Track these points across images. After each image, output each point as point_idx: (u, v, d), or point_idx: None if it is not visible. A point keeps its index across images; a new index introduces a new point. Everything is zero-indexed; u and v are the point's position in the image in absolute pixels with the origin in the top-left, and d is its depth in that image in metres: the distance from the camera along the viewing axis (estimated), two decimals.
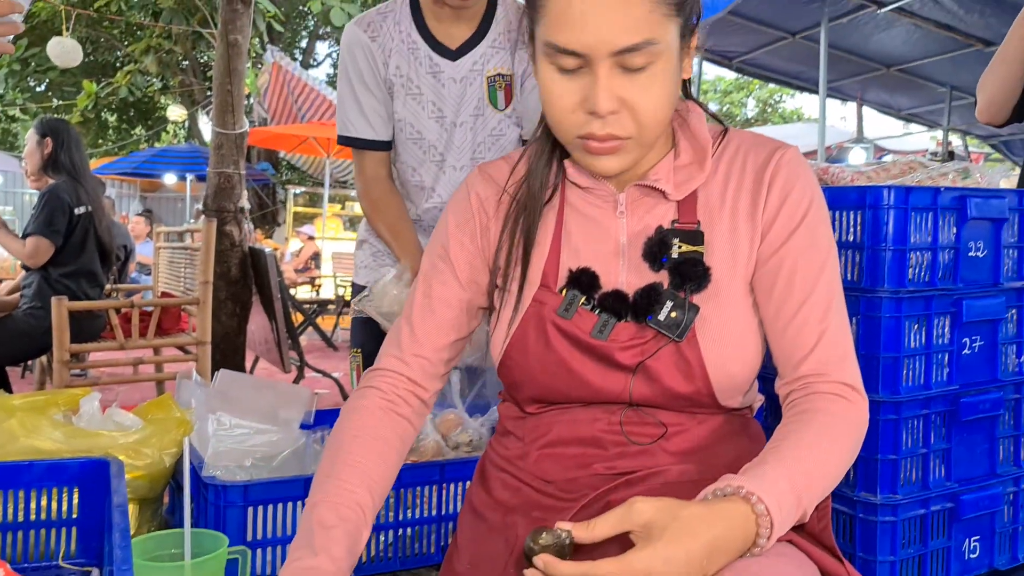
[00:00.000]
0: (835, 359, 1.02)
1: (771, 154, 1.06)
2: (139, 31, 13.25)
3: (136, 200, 15.17)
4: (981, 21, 5.44)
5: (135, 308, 3.48)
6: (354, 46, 1.80)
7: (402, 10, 1.81)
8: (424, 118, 1.83)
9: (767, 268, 1.05)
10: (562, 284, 1.07)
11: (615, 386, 1.04)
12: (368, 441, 1.06)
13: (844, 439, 0.99)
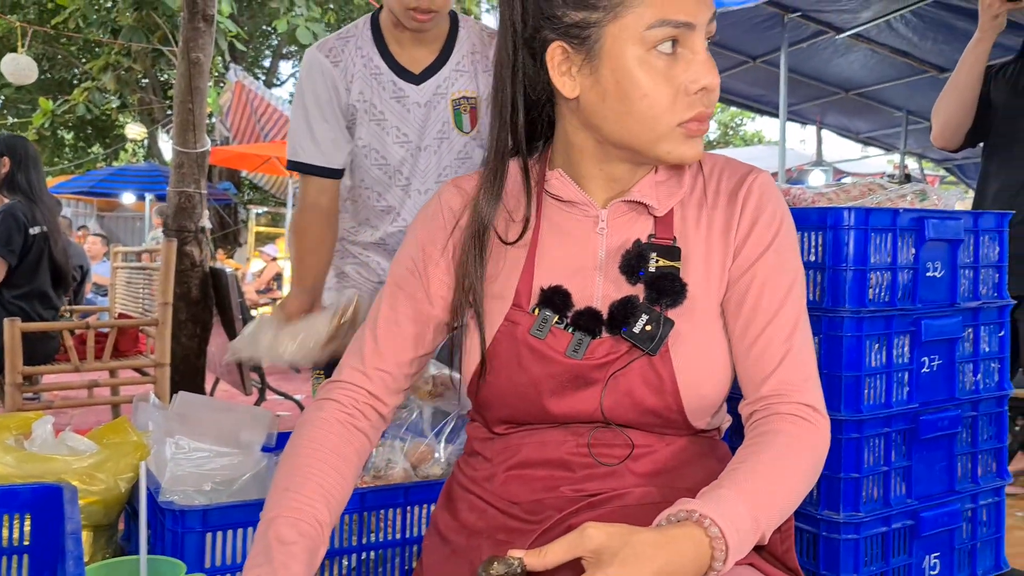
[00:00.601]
0: (798, 380, 1.02)
1: (744, 177, 1.08)
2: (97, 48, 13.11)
3: (93, 219, 14.94)
4: (935, 48, 5.57)
5: (90, 329, 3.41)
6: (314, 71, 1.79)
7: (363, 35, 1.80)
8: (389, 143, 1.81)
9: (736, 288, 1.06)
10: (534, 303, 1.06)
11: (587, 406, 1.03)
12: (327, 455, 1.04)
13: (803, 461, 0.99)
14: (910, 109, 7.07)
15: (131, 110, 15.23)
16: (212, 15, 4.12)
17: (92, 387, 3.49)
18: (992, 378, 1.67)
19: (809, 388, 1.03)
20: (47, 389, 3.53)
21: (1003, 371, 1.68)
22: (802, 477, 0.98)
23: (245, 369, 4.22)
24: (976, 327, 1.63)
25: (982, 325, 1.64)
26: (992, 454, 1.67)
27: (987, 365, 1.66)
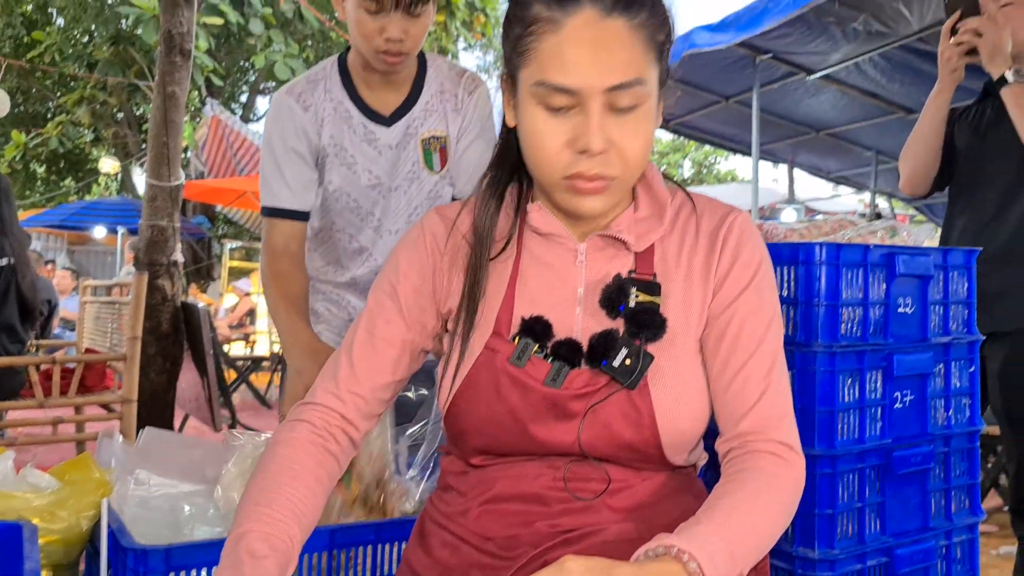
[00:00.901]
0: (774, 418, 1.03)
1: (724, 217, 1.10)
2: (73, 82, 13.07)
3: (63, 253, 14.78)
4: (902, 90, 5.69)
5: (56, 364, 3.35)
6: (284, 115, 1.76)
7: (332, 77, 1.79)
8: (360, 186, 1.80)
9: (716, 325, 1.07)
10: (515, 332, 1.06)
11: (565, 437, 1.03)
12: (299, 473, 1.02)
13: (779, 499, 0.99)
14: (879, 149, 7.20)
15: (105, 144, 15.17)
16: (189, 50, 4.12)
17: (56, 423, 3.41)
18: (963, 414, 1.67)
19: (785, 426, 1.04)
20: (10, 425, 3.45)
21: (974, 407, 1.69)
22: (779, 515, 0.99)
23: (215, 405, 4.16)
24: (947, 363, 1.64)
25: (953, 361, 1.65)
26: (965, 490, 1.67)
27: (958, 401, 1.66)
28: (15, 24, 14.50)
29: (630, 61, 0.96)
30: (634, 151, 0.99)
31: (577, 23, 0.96)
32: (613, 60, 0.95)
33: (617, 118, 0.98)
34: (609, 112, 0.97)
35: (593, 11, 0.96)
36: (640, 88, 0.97)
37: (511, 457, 1.07)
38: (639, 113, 0.98)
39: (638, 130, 0.99)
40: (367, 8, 1.60)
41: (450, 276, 1.13)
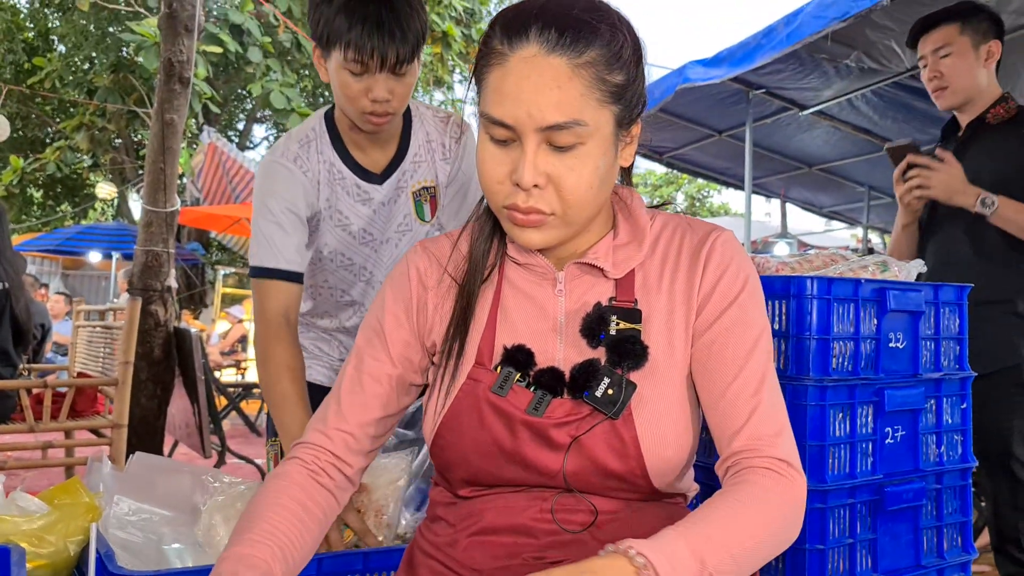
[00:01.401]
0: (768, 434, 1.01)
1: (706, 236, 1.09)
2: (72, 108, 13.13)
3: (57, 278, 14.74)
4: (895, 126, 5.74)
5: (48, 389, 3.33)
6: (285, 179, 1.69)
7: (322, 138, 1.74)
8: (356, 245, 1.79)
9: (701, 343, 1.06)
10: (497, 361, 1.07)
11: (549, 465, 1.02)
12: (285, 503, 1.03)
13: (769, 510, 0.97)
14: (872, 185, 7.24)
15: (103, 169, 15.20)
16: (188, 78, 4.16)
17: (46, 448, 3.40)
18: (956, 450, 1.67)
19: (781, 442, 1.01)
20: (0, 449, 3.43)
21: (966, 444, 1.69)
22: (766, 526, 0.96)
23: (205, 431, 4.14)
24: (938, 399, 1.64)
25: (944, 397, 1.65)
26: (957, 528, 1.67)
27: (950, 437, 1.67)
28: (16, 50, 14.59)
29: (567, 101, 0.95)
30: (572, 189, 0.98)
31: (520, 58, 0.96)
32: (549, 100, 0.95)
33: (556, 155, 0.97)
34: (548, 148, 0.97)
35: (537, 47, 0.95)
36: (580, 128, 0.96)
37: (498, 488, 1.06)
38: (580, 152, 0.97)
39: (578, 168, 0.97)
40: (351, 70, 1.55)
41: (434, 309, 1.13)
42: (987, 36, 2.29)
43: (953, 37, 2.27)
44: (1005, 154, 2.24)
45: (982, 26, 2.28)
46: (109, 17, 12.53)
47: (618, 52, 0.98)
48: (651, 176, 26.14)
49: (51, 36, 15.46)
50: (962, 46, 2.27)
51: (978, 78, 2.29)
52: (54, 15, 15.23)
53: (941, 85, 2.31)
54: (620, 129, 1.02)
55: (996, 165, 2.24)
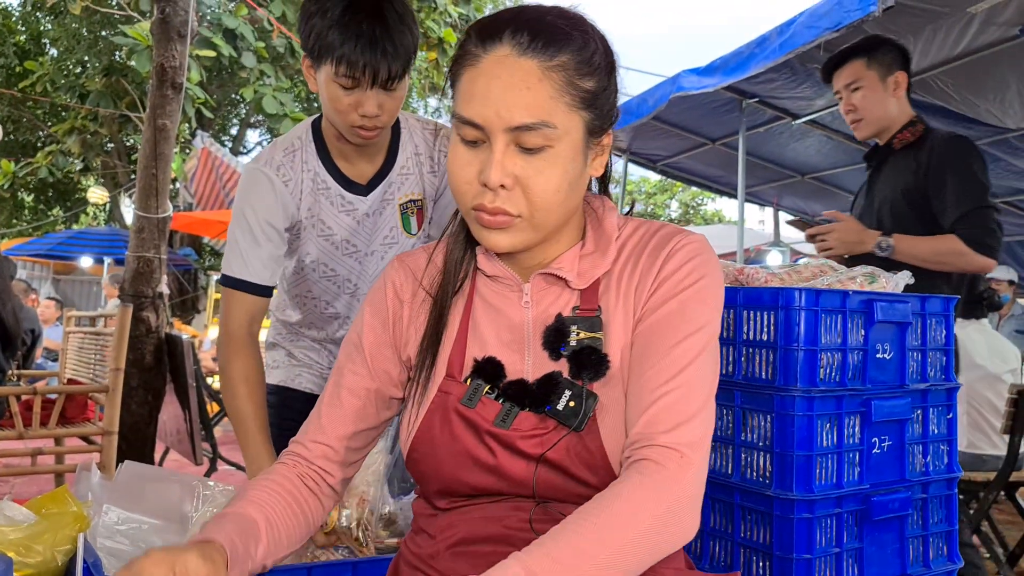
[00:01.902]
0: (665, 422, 0.96)
1: (670, 239, 1.08)
2: (64, 112, 13.10)
3: (48, 283, 14.69)
4: None
5: (37, 395, 3.32)
6: (262, 188, 1.69)
7: (308, 148, 1.74)
8: (339, 256, 1.78)
9: (636, 335, 1.04)
10: (467, 374, 1.07)
11: (520, 473, 1.03)
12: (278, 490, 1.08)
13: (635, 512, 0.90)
14: None
15: (94, 173, 15.16)
16: (181, 83, 4.16)
17: (35, 455, 3.38)
18: (942, 460, 1.68)
19: (678, 432, 0.95)
20: None
21: (952, 453, 1.70)
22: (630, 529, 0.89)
23: (196, 438, 4.13)
24: (925, 409, 1.65)
25: (931, 407, 1.66)
26: (943, 537, 1.68)
27: (936, 447, 1.67)
28: (8, 54, 14.57)
29: (536, 103, 0.96)
30: (539, 191, 0.98)
31: (492, 60, 0.97)
32: (518, 100, 0.96)
33: (525, 157, 0.98)
34: (516, 150, 0.98)
35: (509, 49, 0.97)
36: (548, 131, 0.97)
37: (475, 499, 1.07)
38: (549, 155, 0.98)
39: (546, 171, 0.98)
40: (342, 84, 1.55)
41: (408, 322, 1.15)
42: (892, 68, 2.44)
43: (862, 72, 2.44)
44: (901, 177, 2.41)
45: (887, 58, 2.44)
46: (101, 21, 12.52)
47: (589, 58, 0.99)
48: (645, 184, 26.20)
49: (43, 40, 15.44)
50: (871, 80, 2.43)
51: (888, 108, 2.45)
52: (46, 19, 15.21)
53: (856, 118, 2.48)
54: (591, 137, 1.02)
55: (892, 187, 2.41)
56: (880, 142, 2.52)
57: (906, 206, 2.34)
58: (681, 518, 0.92)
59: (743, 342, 1.55)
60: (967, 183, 2.27)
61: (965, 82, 4.58)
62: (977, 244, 2.18)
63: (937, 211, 2.28)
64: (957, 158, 2.29)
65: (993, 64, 4.32)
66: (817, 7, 3.87)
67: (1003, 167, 5.90)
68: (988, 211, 2.26)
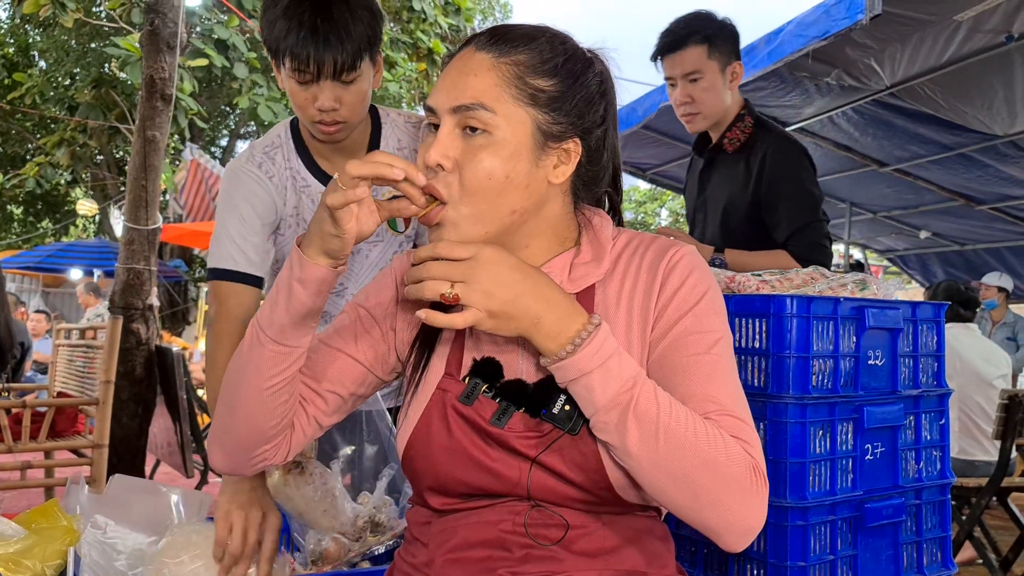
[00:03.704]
0: (738, 431, 0.98)
1: (665, 252, 1.10)
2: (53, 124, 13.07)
3: (38, 295, 14.62)
4: (875, 143, 5.80)
5: (27, 408, 3.30)
6: (248, 182, 1.68)
7: (287, 145, 1.72)
8: None
9: (657, 354, 1.06)
10: (466, 372, 1.08)
11: (514, 473, 1.03)
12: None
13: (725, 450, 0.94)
14: (853, 201, 7.30)
15: (84, 185, 15.11)
16: (170, 95, 4.15)
17: (25, 468, 3.36)
18: (934, 466, 1.69)
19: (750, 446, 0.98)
20: None
21: (944, 459, 1.70)
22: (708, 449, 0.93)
23: (187, 450, 4.11)
24: (917, 415, 1.66)
25: (923, 413, 1.66)
26: (937, 543, 1.68)
27: (929, 453, 1.68)
28: None
29: (478, 87, 1.01)
30: (472, 177, 1.01)
31: (456, 57, 1.06)
32: (463, 83, 1.02)
33: (465, 139, 1.02)
34: (460, 133, 1.02)
35: (472, 47, 1.05)
36: (485, 114, 1.00)
37: (469, 500, 1.07)
38: (486, 139, 1.01)
39: (481, 155, 1.01)
40: (295, 79, 1.54)
41: (409, 320, 1.17)
42: (731, 57, 2.29)
43: (702, 62, 2.25)
44: (732, 185, 2.30)
45: (727, 46, 2.28)
46: (91, 33, 12.50)
47: (547, 60, 1.03)
48: (635, 192, 26.26)
49: (32, 52, 15.40)
50: (712, 71, 2.26)
51: (726, 101, 2.30)
52: (35, 31, 15.18)
53: (693, 111, 2.30)
54: (546, 139, 1.04)
55: (724, 195, 2.31)
56: (713, 133, 2.38)
57: (742, 215, 2.27)
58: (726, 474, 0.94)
59: (735, 350, 1.54)
60: (799, 198, 2.21)
61: (952, 89, 4.61)
62: (806, 262, 2.09)
63: (770, 225, 2.23)
64: (789, 171, 2.22)
65: (980, 71, 4.35)
66: (805, 15, 3.89)
67: (991, 173, 5.93)
68: (819, 225, 2.21)
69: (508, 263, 0.94)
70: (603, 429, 0.95)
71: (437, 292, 0.93)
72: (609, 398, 0.93)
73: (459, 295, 0.93)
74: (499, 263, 0.94)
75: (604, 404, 0.93)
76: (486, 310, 0.93)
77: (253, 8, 8.82)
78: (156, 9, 4.13)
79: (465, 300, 0.93)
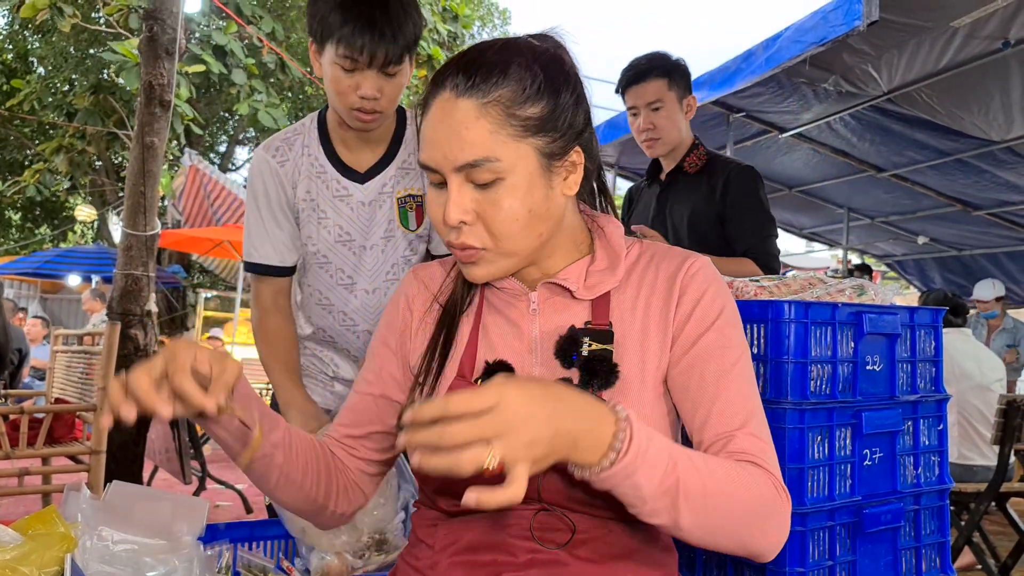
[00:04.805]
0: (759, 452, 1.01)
1: (682, 263, 1.11)
2: (51, 130, 13.07)
3: (36, 301, 14.60)
4: (872, 149, 5.81)
5: (24, 415, 3.30)
6: (263, 171, 1.78)
7: (310, 133, 1.79)
8: (330, 243, 1.79)
9: (679, 369, 1.07)
10: (478, 375, 1.09)
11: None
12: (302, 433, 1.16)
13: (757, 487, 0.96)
14: (851, 206, 7.32)
15: (82, 191, 15.11)
16: (169, 101, 4.15)
17: (22, 475, 3.35)
18: (933, 471, 1.69)
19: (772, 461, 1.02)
20: None
21: (943, 464, 1.70)
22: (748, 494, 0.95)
23: (185, 457, 4.10)
24: (915, 420, 1.66)
25: (921, 418, 1.66)
26: (935, 549, 1.68)
27: (927, 458, 1.68)
28: None
29: (476, 141, 0.99)
30: (499, 224, 1.01)
31: (437, 104, 1.01)
32: (459, 140, 0.99)
33: (480, 192, 1.01)
34: (471, 187, 1.01)
35: (449, 92, 1.00)
36: (493, 165, 0.99)
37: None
38: (501, 187, 1.00)
39: (501, 203, 1.01)
40: (342, 65, 1.60)
41: (417, 334, 1.19)
42: (686, 91, 2.58)
43: (663, 93, 2.52)
44: (696, 199, 2.56)
45: (683, 81, 2.55)
46: (89, 39, 12.52)
47: (527, 85, 1.01)
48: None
49: (30, 58, 15.41)
50: (671, 101, 2.53)
51: (682, 129, 2.57)
52: (33, 37, 15.19)
53: (654, 136, 2.55)
54: (550, 160, 1.04)
55: (689, 207, 2.57)
56: (666, 160, 2.64)
57: (704, 226, 2.53)
58: (774, 529, 0.98)
59: None
60: (760, 215, 2.51)
61: (949, 95, 4.63)
62: (768, 269, 2.42)
63: (732, 236, 2.49)
64: (751, 193, 2.51)
65: (977, 77, 4.36)
66: (803, 22, 3.90)
67: (988, 179, 5.95)
68: (774, 238, 2.54)
69: (533, 393, 0.83)
70: (653, 515, 0.91)
71: (479, 464, 0.78)
72: (655, 486, 0.89)
73: (503, 460, 0.79)
74: (526, 399, 0.82)
75: (652, 494, 0.89)
76: (532, 460, 0.81)
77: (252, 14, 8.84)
78: (155, 15, 4.13)
79: (511, 461, 0.79)
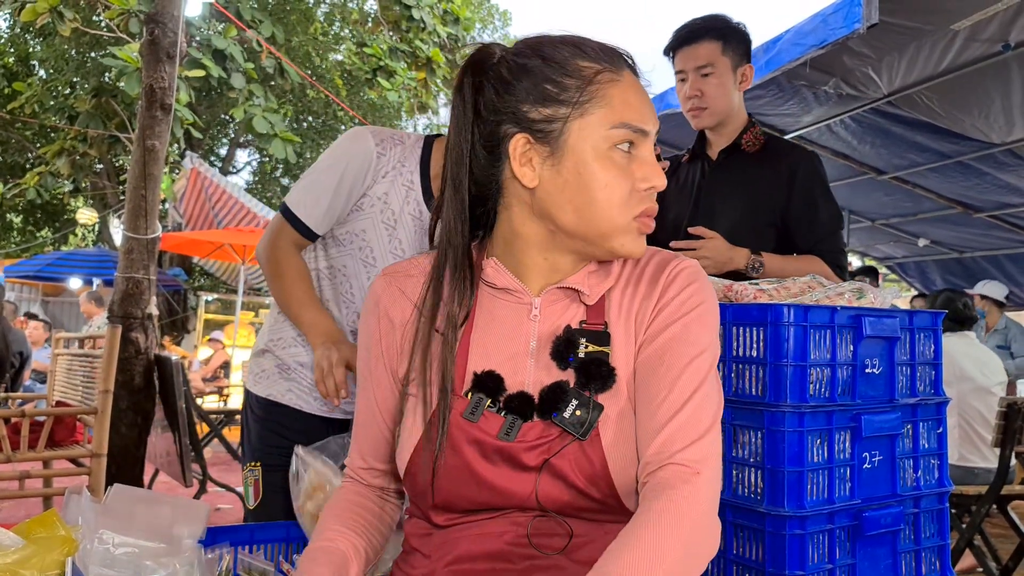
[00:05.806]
0: (678, 442, 0.99)
1: (667, 264, 1.12)
2: (53, 133, 13.09)
3: (37, 304, 14.60)
4: (873, 151, 5.81)
5: (25, 418, 3.30)
6: (360, 148, 1.79)
7: (413, 148, 1.82)
8: (386, 251, 1.82)
9: (641, 359, 1.07)
10: (467, 388, 1.07)
11: (521, 489, 1.03)
12: (354, 508, 1.18)
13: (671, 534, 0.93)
14: (852, 209, 7.32)
15: (83, 194, 15.12)
16: (170, 104, 4.16)
17: (23, 478, 3.35)
18: (932, 475, 1.69)
19: (692, 449, 0.99)
20: None
21: (942, 468, 1.70)
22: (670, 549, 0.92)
23: (186, 460, 4.10)
24: (915, 423, 1.66)
25: (921, 421, 1.66)
26: (935, 552, 1.68)
27: (927, 461, 1.68)
28: None
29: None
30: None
31: (629, 77, 1.08)
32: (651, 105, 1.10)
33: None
34: None
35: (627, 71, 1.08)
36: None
37: (473, 515, 1.07)
38: None
39: None
40: None
41: (403, 344, 1.15)
42: (743, 59, 2.25)
43: (716, 57, 2.20)
44: (758, 186, 2.23)
45: (740, 48, 2.24)
46: (90, 42, 12.54)
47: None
48: None
49: (32, 61, 15.44)
50: (723, 67, 2.21)
51: (734, 100, 2.26)
52: (35, 40, 15.22)
53: (701, 105, 2.25)
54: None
55: (749, 193, 2.24)
56: (714, 135, 2.33)
57: (763, 216, 2.22)
58: (704, 535, 0.96)
59: (732, 358, 1.55)
60: (831, 207, 2.22)
61: (950, 98, 4.63)
62: (840, 268, 2.13)
63: (797, 231, 2.20)
64: (821, 183, 2.23)
65: (977, 80, 4.36)
66: (802, 24, 3.90)
67: (989, 181, 5.95)
68: (841, 233, 2.24)
69: None
70: None
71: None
72: None
73: None
74: None
75: None
76: None
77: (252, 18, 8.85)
78: (156, 19, 4.14)
79: None
